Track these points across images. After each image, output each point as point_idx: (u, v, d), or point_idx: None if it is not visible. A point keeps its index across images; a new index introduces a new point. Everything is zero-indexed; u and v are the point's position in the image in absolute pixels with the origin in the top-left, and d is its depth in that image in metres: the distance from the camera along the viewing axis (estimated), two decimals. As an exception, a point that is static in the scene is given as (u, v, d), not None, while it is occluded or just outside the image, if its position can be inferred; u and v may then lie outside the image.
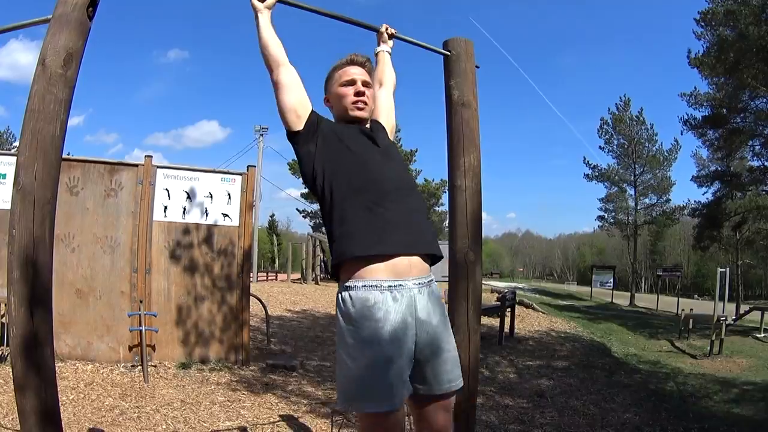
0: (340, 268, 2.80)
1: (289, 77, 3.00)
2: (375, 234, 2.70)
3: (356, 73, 3.16)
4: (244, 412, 6.25)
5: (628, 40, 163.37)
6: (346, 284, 2.71)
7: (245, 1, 3.13)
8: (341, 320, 2.72)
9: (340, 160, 2.89)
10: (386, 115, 3.49)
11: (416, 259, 2.79)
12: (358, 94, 3.11)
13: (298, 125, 2.96)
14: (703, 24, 27.54)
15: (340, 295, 2.74)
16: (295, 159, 3.12)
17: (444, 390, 2.80)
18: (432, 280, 2.87)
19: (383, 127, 3.34)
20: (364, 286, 2.65)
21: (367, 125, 3.19)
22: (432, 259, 2.96)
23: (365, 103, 3.13)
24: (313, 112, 3.01)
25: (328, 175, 2.86)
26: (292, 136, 3.00)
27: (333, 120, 3.19)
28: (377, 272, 2.67)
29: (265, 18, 3.05)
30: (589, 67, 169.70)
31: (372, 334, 2.60)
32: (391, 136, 3.39)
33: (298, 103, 2.99)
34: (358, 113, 3.10)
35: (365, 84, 3.16)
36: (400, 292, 2.66)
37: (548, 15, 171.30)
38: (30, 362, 2.65)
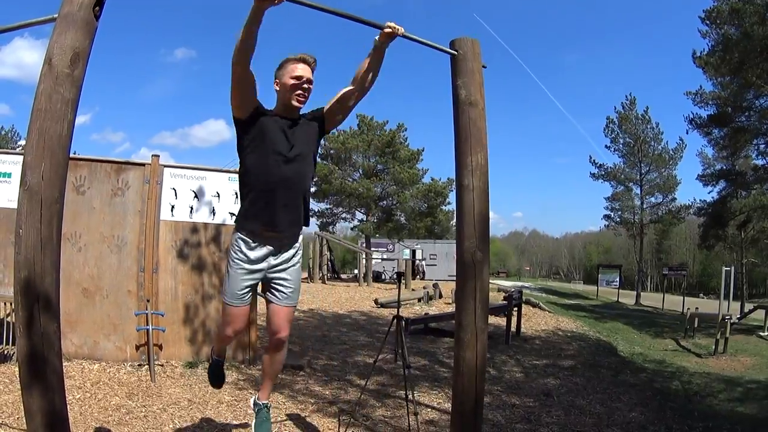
0: (236, 223, 4.22)
1: (249, 79, 3.87)
2: (256, 216, 4.03)
3: (304, 70, 4.02)
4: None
5: (634, 38, 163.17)
6: (236, 234, 4.16)
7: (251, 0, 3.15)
8: (230, 248, 4.22)
9: (254, 155, 4.01)
10: (337, 109, 4.28)
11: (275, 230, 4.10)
12: (301, 88, 4.01)
13: (243, 115, 3.98)
14: (708, 22, 27.52)
15: (234, 237, 4.19)
16: None
17: (282, 304, 4.32)
18: (293, 238, 4.25)
19: (318, 124, 4.26)
20: (241, 236, 4.13)
21: (299, 119, 4.13)
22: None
23: (305, 97, 4.05)
24: (256, 108, 3.99)
25: (243, 158, 4.07)
26: (236, 119, 4.02)
27: (276, 101, 4.15)
28: (255, 234, 4.10)
29: (258, 13, 3.45)
30: (595, 66, 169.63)
31: (240, 266, 4.14)
32: (329, 127, 4.37)
33: (248, 100, 3.95)
34: (296, 104, 4.04)
35: (309, 81, 4.04)
36: (260, 249, 4.12)
37: (553, 13, 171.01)
38: (37, 362, 2.65)
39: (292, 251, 4.26)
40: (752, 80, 25.12)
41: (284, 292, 4.27)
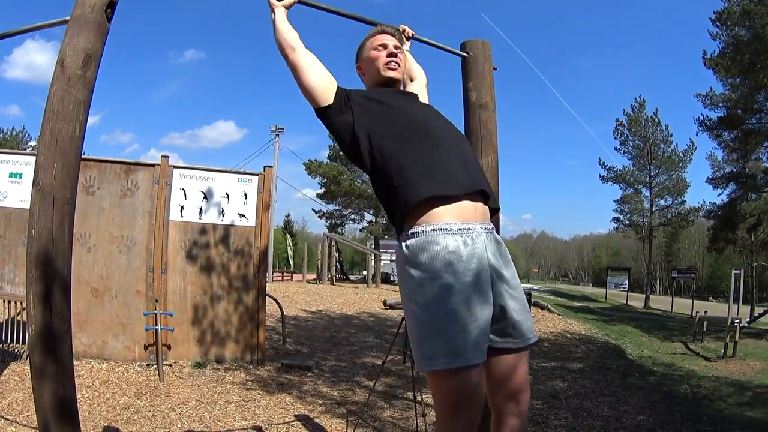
0: (403, 219, 2.59)
1: (306, 57, 2.91)
2: (437, 177, 2.54)
3: (387, 38, 3.15)
4: (259, 411, 6.26)
5: (644, 41, 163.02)
6: (411, 231, 2.52)
7: (262, 1, 3.14)
8: (409, 269, 2.50)
9: (383, 119, 2.78)
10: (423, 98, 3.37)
11: (480, 206, 2.65)
12: (390, 55, 3.08)
13: (328, 99, 2.85)
14: (718, 24, 27.48)
15: (404, 243, 2.55)
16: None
17: (527, 341, 2.64)
18: (494, 228, 2.69)
19: (417, 96, 3.24)
20: (433, 230, 2.47)
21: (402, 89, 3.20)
22: (491, 212, 2.79)
23: (398, 64, 3.09)
24: (339, 86, 2.90)
25: (375, 137, 2.74)
26: (323, 111, 2.87)
27: (364, 89, 3.15)
28: (445, 215, 2.51)
29: (281, 15, 3.02)
30: (605, 68, 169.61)
31: (446, 280, 2.40)
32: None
33: (323, 78, 2.89)
34: (390, 73, 3.06)
35: (396, 47, 3.13)
36: (470, 236, 2.49)
37: (564, 16, 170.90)
38: (48, 361, 2.66)
39: (503, 246, 2.71)
40: (763, 82, 25.06)
41: (519, 321, 2.62)
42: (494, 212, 2.85)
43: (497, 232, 2.88)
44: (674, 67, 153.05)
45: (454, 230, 2.46)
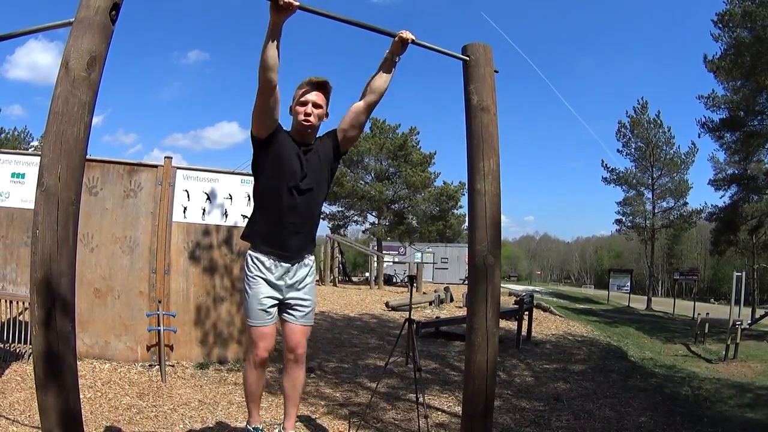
0: (245, 239, 4.35)
1: (272, 102, 3.89)
2: (268, 239, 4.18)
3: (309, 96, 4.10)
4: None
5: (646, 43, 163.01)
6: (251, 251, 4.26)
7: (265, 2, 3.17)
8: (245, 267, 4.25)
9: (269, 178, 4.11)
10: (348, 125, 4.31)
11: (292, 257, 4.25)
12: (306, 114, 4.08)
13: (262, 135, 4.03)
14: (720, 25, 27.46)
15: (248, 252, 4.27)
16: None
17: (301, 322, 4.40)
18: (305, 258, 4.33)
19: (331, 141, 4.32)
20: (255, 255, 4.22)
21: (314, 142, 4.23)
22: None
23: (309, 122, 4.09)
24: (276, 129, 4.06)
25: (260, 181, 4.20)
26: (255, 139, 4.07)
27: (291, 127, 4.22)
28: (269, 254, 4.19)
29: (276, 29, 3.56)
30: (607, 70, 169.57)
31: (258, 280, 4.19)
32: (344, 146, 4.40)
33: (270, 120, 3.98)
34: (303, 129, 4.12)
35: (315, 105, 4.10)
36: (279, 261, 4.19)
37: (566, 18, 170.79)
38: (52, 361, 2.67)
39: (305, 268, 4.33)
40: (765, 83, 25.06)
41: (302, 311, 4.34)
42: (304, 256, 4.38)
43: (499, 242, 2.99)
44: (676, 68, 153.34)
45: (269, 261, 4.19)
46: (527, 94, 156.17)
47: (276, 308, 4.28)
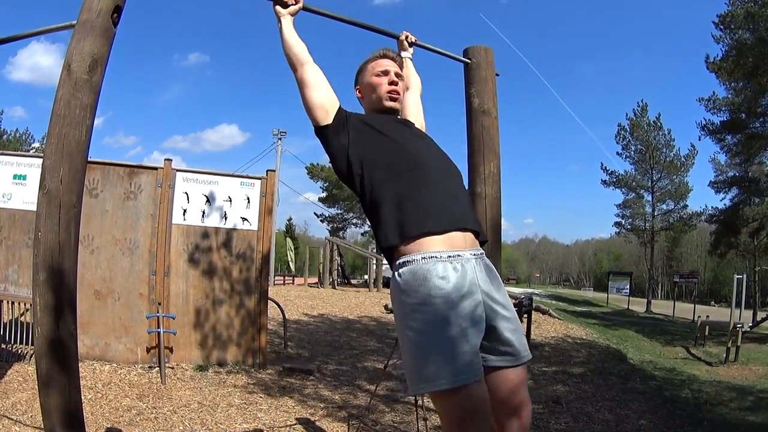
0: (392, 249, 2.69)
1: (314, 74, 3.02)
2: (425, 212, 2.63)
3: (389, 64, 3.20)
4: (261, 415, 6.28)
5: (646, 46, 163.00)
6: (402, 260, 2.61)
7: (267, 5, 3.18)
8: (402, 297, 2.58)
9: (377, 148, 2.86)
10: (415, 115, 3.49)
11: (469, 235, 2.72)
12: (391, 83, 3.14)
13: (327, 119, 2.96)
14: (722, 27, 27.46)
15: (397, 272, 2.62)
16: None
17: (522, 359, 2.69)
18: (483, 254, 2.76)
19: (413, 124, 3.28)
20: (423, 258, 2.55)
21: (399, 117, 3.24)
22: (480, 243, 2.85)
23: (398, 93, 3.16)
24: (340, 107, 3.00)
25: (367, 164, 2.83)
26: (321, 130, 2.98)
27: (363, 113, 3.21)
28: (434, 244, 2.58)
29: (288, 23, 3.14)
30: (607, 73, 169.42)
31: (439, 305, 2.47)
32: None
33: (326, 98, 2.99)
34: (390, 103, 3.13)
35: (398, 75, 3.19)
36: (459, 262, 2.56)
37: (566, 21, 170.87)
38: (54, 362, 2.69)
39: (494, 271, 2.79)
40: (766, 85, 25.04)
41: (513, 340, 2.67)
42: (483, 243, 2.90)
43: (499, 244, 2.96)
44: (677, 71, 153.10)
45: (443, 257, 2.54)
46: (528, 98, 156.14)
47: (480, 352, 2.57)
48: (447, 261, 2.54)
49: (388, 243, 2.67)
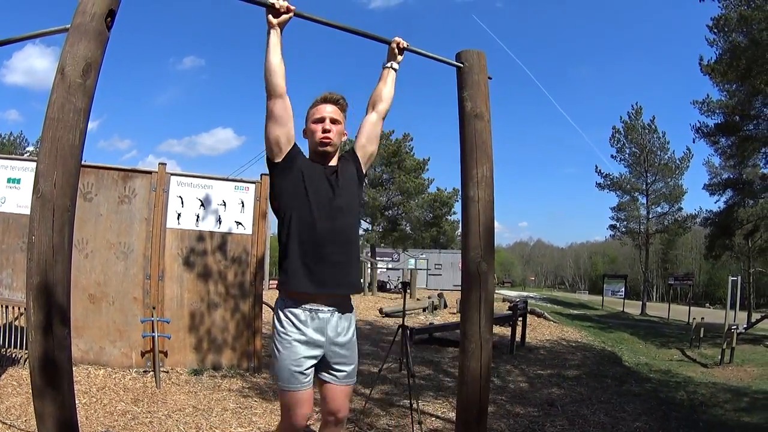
0: (280, 287, 3.61)
1: (282, 110, 3.48)
2: (306, 277, 3.48)
3: (326, 111, 3.66)
4: (256, 419, 6.27)
5: (641, 49, 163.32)
6: (282, 297, 3.61)
7: (263, 9, 3.21)
8: (275, 321, 3.60)
9: (296, 207, 3.53)
10: (365, 139, 3.94)
11: (334, 296, 3.60)
12: (324, 131, 3.62)
13: (279, 157, 3.56)
14: (716, 30, 27.48)
15: (278, 302, 3.62)
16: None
17: (345, 382, 3.73)
18: (347, 304, 3.72)
19: (353, 162, 3.85)
20: (296, 303, 3.53)
21: (335, 162, 3.73)
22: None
23: (329, 139, 3.62)
24: (294, 146, 3.59)
25: (284, 213, 3.57)
26: (271, 164, 3.59)
27: (308, 150, 3.74)
28: (306, 300, 3.52)
29: (275, 37, 3.38)
30: (601, 76, 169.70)
31: (293, 336, 3.51)
32: (365, 164, 3.95)
33: (284, 135, 3.53)
34: (322, 149, 3.63)
35: (333, 121, 3.65)
36: (317, 314, 3.52)
37: (560, 25, 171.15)
38: (48, 367, 2.68)
39: (346, 322, 3.70)
40: (760, 87, 25.09)
41: (344, 370, 3.70)
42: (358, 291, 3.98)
43: (493, 248, 3.00)
44: (671, 74, 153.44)
45: (306, 312, 3.52)
46: (522, 101, 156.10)
47: (314, 369, 3.64)
48: (307, 311, 3.53)
49: (279, 282, 3.62)
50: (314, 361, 3.60)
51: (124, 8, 3.07)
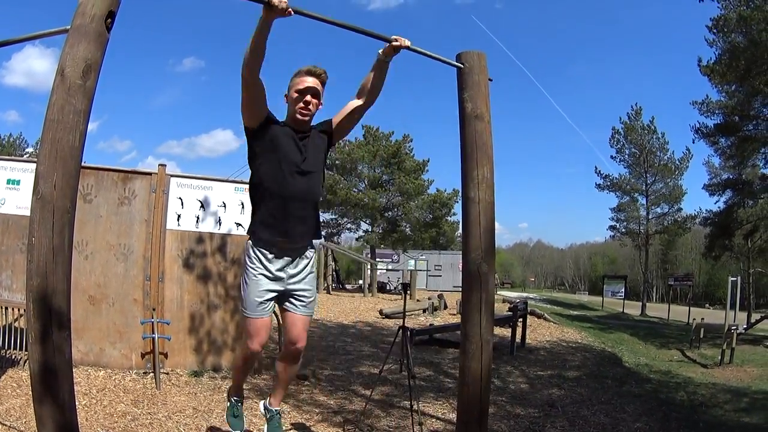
0: (250, 234, 4.25)
1: (256, 89, 3.95)
2: (271, 227, 4.10)
3: (309, 82, 4.10)
4: (256, 420, 6.25)
5: (640, 49, 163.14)
6: (249, 240, 4.23)
7: (260, 9, 3.22)
8: (245, 257, 4.22)
9: (267, 166, 4.08)
10: (345, 121, 4.42)
11: (294, 243, 4.23)
12: (305, 102, 4.10)
13: (254, 125, 4.08)
14: (715, 31, 27.46)
15: (248, 243, 4.23)
16: None
17: (302, 312, 4.36)
18: (306, 248, 4.33)
19: (326, 133, 4.38)
20: (263, 246, 4.16)
21: (309, 130, 4.24)
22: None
23: (308, 111, 4.13)
24: (266, 117, 4.10)
25: (258, 170, 4.13)
26: (247, 129, 4.11)
27: (286, 113, 4.26)
28: (271, 244, 4.15)
29: (266, 25, 3.56)
30: (601, 77, 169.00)
31: (258, 270, 4.15)
32: (337, 138, 4.50)
33: (257, 109, 4.04)
34: (300, 118, 4.13)
35: (314, 95, 4.12)
36: (281, 255, 4.17)
37: (559, 25, 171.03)
38: (48, 368, 2.68)
39: (306, 260, 4.32)
40: (759, 88, 25.08)
41: (303, 302, 4.31)
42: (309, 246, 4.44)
43: (493, 249, 3.02)
44: (671, 75, 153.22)
45: (269, 256, 4.15)
46: (521, 102, 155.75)
47: (273, 301, 4.27)
48: (267, 249, 4.16)
49: (249, 229, 4.30)
50: (274, 294, 4.21)
51: (124, 9, 3.07)
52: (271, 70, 4.07)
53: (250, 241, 4.22)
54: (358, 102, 4.36)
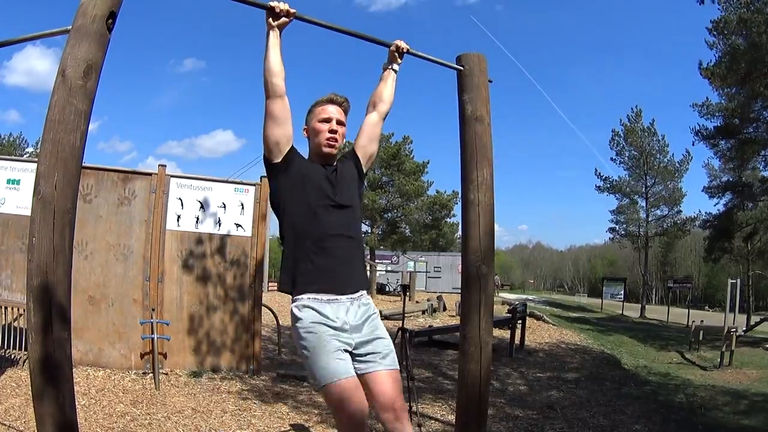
0: (291, 286, 3.43)
1: (281, 110, 3.41)
2: (316, 276, 3.37)
3: (333, 112, 3.58)
4: (255, 421, 6.27)
5: (640, 51, 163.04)
6: (296, 297, 3.40)
7: (263, 12, 3.21)
8: (295, 324, 3.36)
9: (296, 204, 3.45)
10: (366, 140, 3.88)
11: (343, 288, 3.43)
12: (331, 131, 3.54)
13: (277, 158, 3.47)
14: (715, 33, 27.43)
15: (293, 305, 3.40)
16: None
17: (387, 367, 3.42)
18: (361, 295, 3.52)
19: (353, 162, 3.79)
20: (309, 298, 3.35)
21: (335, 163, 3.65)
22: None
23: (336, 140, 3.56)
24: (291, 148, 3.50)
25: (286, 211, 3.48)
26: (269, 164, 3.50)
27: (308, 150, 3.68)
28: (318, 291, 3.36)
29: (275, 37, 3.35)
30: (601, 78, 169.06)
31: (317, 330, 3.27)
32: (366, 164, 3.88)
33: (283, 137, 3.45)
34: (328, 150, 3.56)
35: (339, 123, 3.59)
36: (335, 304, 3.36)
37: (559, 27, 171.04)
38: (48, 368, 2.68)
39: (365, 307, 3.52)
40: (759, 90, 25.06)
41: (380, 353, 3.43)
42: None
43: (492, 251, 3.00)
44: (671, 77, 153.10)
45: (323, 300, 3.34)
46: (521, 103, 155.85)
47: (349, 358, 3.35)
48: (326, 303, 3.36)
49: (287, 283, 3.46)
50: (346, 347, 3.32)
51: (125, 10, 3.07)
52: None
53: (293, 304, 3.41)
54: (375, 114, 3.91)
